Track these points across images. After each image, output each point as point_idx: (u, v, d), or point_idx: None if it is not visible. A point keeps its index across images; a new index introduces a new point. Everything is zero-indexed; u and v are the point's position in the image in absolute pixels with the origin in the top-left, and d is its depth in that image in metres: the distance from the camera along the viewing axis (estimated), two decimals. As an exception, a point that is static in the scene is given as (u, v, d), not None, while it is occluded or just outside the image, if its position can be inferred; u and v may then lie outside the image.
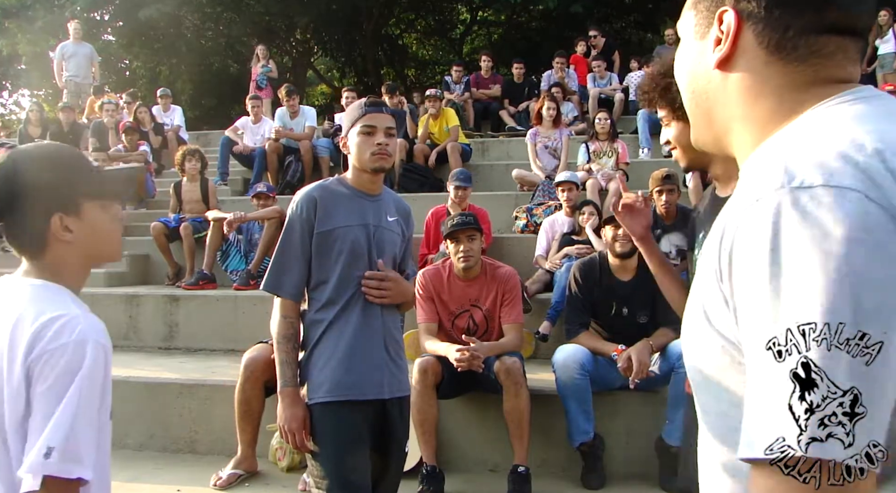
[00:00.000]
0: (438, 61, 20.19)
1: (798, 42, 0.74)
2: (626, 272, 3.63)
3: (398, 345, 2.38)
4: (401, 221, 2.35)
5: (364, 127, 2.22)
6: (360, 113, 2.25)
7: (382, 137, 2.20)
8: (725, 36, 0.77)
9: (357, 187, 2.27)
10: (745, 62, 0.77)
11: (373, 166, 2.22)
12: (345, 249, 2.18)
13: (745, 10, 0.75)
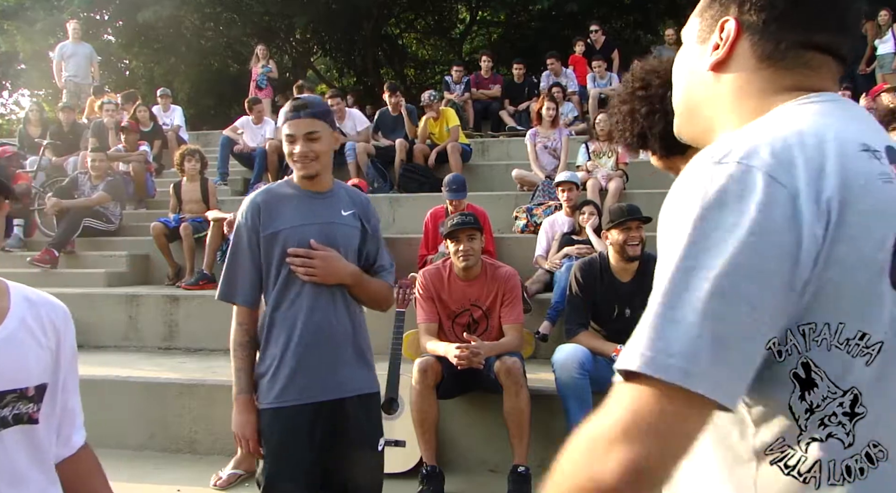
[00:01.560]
0: (438, 61, 20.18)
1: (787, 54, 0.83)
2: (626, 273, 3.63)
3: (359, 341, 2.28)
4: (358, 214, 2.31)
5: (286, 136, 2.21)
6: (282, 121, 2.25)
7: (300, 146, 2.18)
8: (724, 42, 0.85)
9: (303, 187, 2.27)
10: (738, 67, 0.85)
11: (298, 174, 2.23)
12: (280, 250, 2.19)
13: (745, 21, 0.84)
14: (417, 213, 5.98)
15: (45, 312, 1.36)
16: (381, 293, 2.36)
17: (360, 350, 2.27)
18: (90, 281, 6.00)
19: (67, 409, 1.41)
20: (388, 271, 2.38)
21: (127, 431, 4.03)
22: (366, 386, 2.27)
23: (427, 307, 3.66)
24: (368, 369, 2.30)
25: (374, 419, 2.32)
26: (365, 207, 2.35)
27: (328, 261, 2.17)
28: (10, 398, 1.27)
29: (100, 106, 9.00)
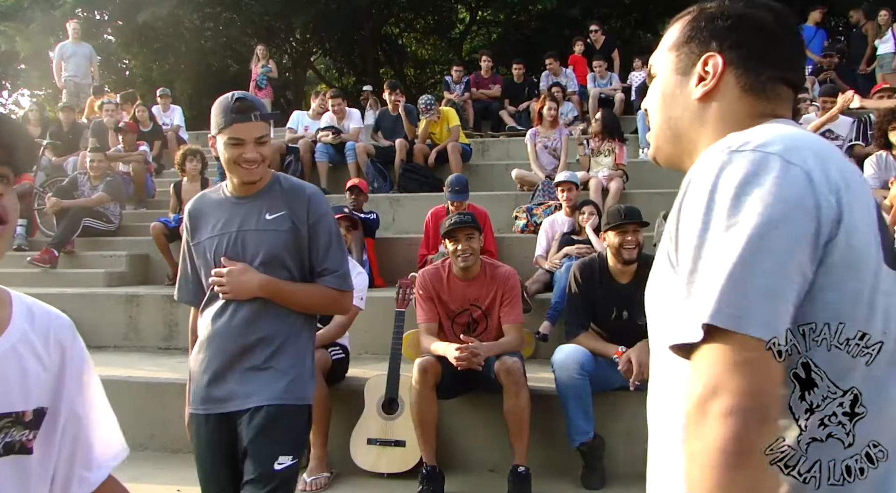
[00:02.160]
0: (438, 61, 20.18)
1: (766, 85, 0.96)
2: (625, 275, 3.62)
3: (290, 350, 2.13)
4: (290, 215, 2.12)
5: (231, 140, 2.05)
6: (226, 121, 2.06)
7: (251, 152, 2.05)
8: (712, 76, 0.97)
9: (232, 192, 2.18)
10: (722, 96, 0.97)
11: (241, 180, 2.12)
12: (204, 261, 2.17)
13: (729, 58, 0.96)
14: (417, 213, 5.98)
15: (50, 326, 1.19)
16: (313, 300, 2.18)
17: (287, 361, 2.12)
18: (90, 281, 6.00)
19: (81, 442, 1.22)
20: (335, 275, 2.17)
21: (127, 431, 3.97)
22: (274, 398, 2.08)
23: (427, 307, 3.66)
24: (289, 381, 2.10)
25: (275, 435, 2.07)
26: (303, 204, 2.14)
27: (233, 276, 2.08)
28: (4, 423, 1.10)
29: (100, 106, 9.00)
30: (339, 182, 7.13)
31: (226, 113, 2.06)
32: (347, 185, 6.04)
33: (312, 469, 3.52)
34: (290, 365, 2.12)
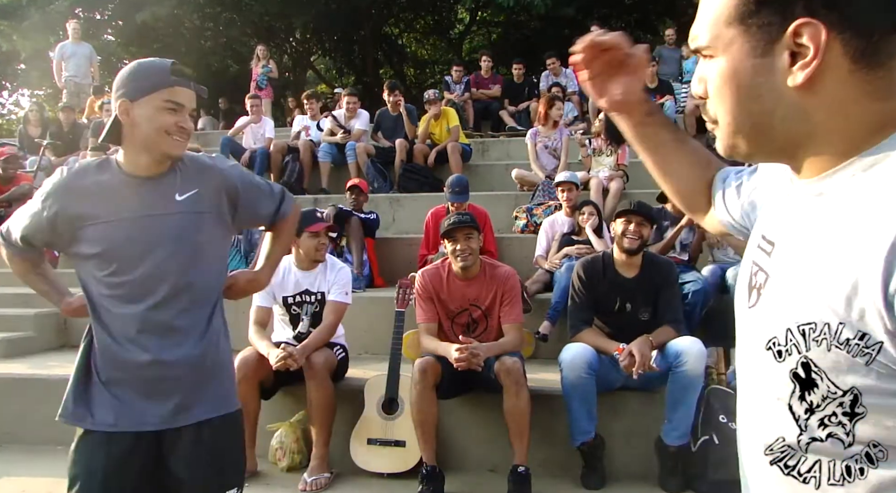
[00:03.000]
0: (438, 61, 20.17)
1: (880, 46, 0.72)
2: (630, 269, 3.64)
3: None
4: (205, 192, 1.89)
5: (169, 102, 1.79)
6: (165, 82, 1.80)
7: (188, 122, 1.84)
8: (813, 52, 0.73)
9: (132, 171, 1.85)
10: (829, 75, 0.73)
11: (165, 153, 1.82)
12: (97, 251, 1.81)
13: (829, 21, 0.71)
14: (417, 213, 5.98)
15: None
16: (285, 238, 2.16)
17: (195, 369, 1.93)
18: (90, 281, 5.99)
19: None
20: (275, 203, 2.06)
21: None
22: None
23: (426, 307, 3.66)
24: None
25: (207, 447, 1.90)
26: (213, 175, 1.92)
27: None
28: None
29: (100, 106, 9.00)
30: (339, 182, 7.13)
31: (162, 74, 1.80)
32: (348, 185, 6.04)
33: (313, 469, 3.52)
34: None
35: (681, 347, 3.34)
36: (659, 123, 1.15)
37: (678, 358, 3.30)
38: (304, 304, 3.84)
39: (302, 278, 3.83)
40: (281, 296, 3.82)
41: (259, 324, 3.74)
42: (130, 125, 1.82)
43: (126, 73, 1.84)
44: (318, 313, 3.80)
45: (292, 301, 3.83)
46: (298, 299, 3.83)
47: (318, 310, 3.81)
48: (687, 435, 3.37)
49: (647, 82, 5.23)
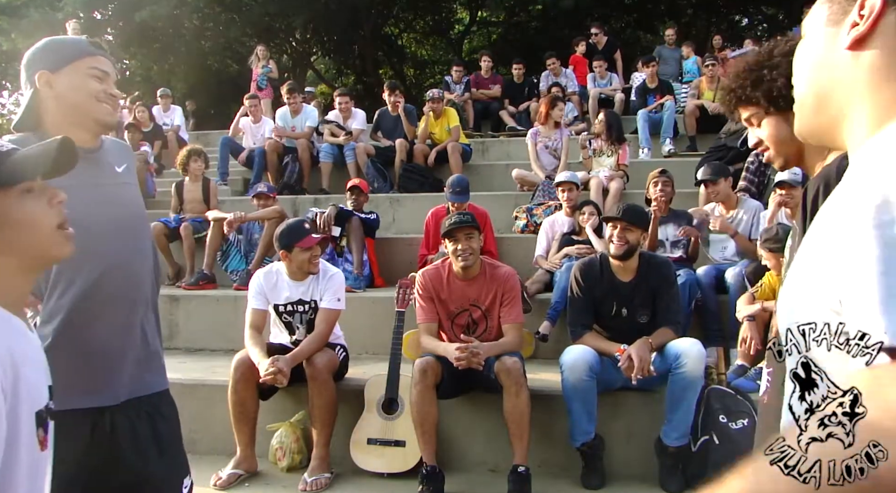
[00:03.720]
0: (438, 61, 20.18)
1: None
2: (626, 273, 3.63)
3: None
4: (130, 166, 1.96)
5: (94, 69, 1.76)
6: (86, 50, 1.79)
7: (114, 88, 1.81)
8: (867, 17, 0.79)
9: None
10: (880, 42, 0.79)
11: (104, 119, 1.81)
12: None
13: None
14: (417, 213, 5.98)
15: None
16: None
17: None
18: (90, 281, 5.99)
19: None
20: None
21: (127, 431, 4.03)
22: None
23: (426, 307, 3.66)
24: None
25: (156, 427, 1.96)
26: (129, 151, 2.01)
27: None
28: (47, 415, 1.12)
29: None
30: (339, 182, 7.13)
31: (80, 43, 1.79)
32: (348, 185, 6.04)
33: (314, 469, 3.52)
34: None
35: (681, 348, 3.33)
36: None
37: (678, 359, 3.30)
38: (295, 313, 3.82)
39: (294, 288, 3.79)
40: (273, 303, 3.81)
41: (254, 327, 3.71)
42: (55, 98, 1.76)
43: (38, 48, 1.81)
44: (314, 319, 3.78)
45: (283, 310, 3.82)
46: (290, 308, 3.81)
47: (313, 317, 3.79)
48: (687, 436, 3.37)
49: (647, 82, 5.21)
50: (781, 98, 1.52)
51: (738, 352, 3.86)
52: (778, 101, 1.54)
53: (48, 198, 1.19)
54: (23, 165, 1.15)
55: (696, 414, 3.39)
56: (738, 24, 18.05)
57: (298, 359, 3.53)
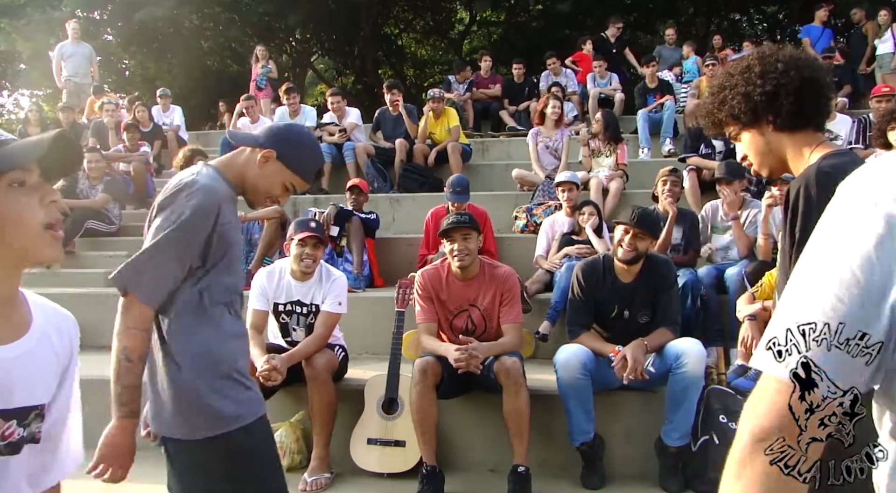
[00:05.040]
0: (438, 61, 20.17)
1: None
2: (629, 275, 3.62)
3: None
4: None
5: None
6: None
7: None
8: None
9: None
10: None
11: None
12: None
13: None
14: (417, 213, 5.98)
15: (62, 323, 1.24)
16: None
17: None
18: (90, 281, 6.00)
19: (52, 441, 1.22)
20: None
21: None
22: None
23: (426, 307, 3.66)
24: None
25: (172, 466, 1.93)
26: None
27: None
28: (32, 416, 1.15)
29: (100, 106, 9.00)
30: (339, 182, 7.13)
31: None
32: (348, 185, 6.04)
33: (314, 469, 3.52)
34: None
35: (681, 348, 3.33)
36: None
37: (678, 359, 3.30)
38: (293, 314, 3.82)
39: (296, 287, 3.79)
40: (273, 302, 3.81)
41: (255, 328, 3.71)
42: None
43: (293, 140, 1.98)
44: (314, 324, 3.77)
45: (282, 309, 3.82)
46: (289, 308, 3.81)
47: (312, 321, 3.78)
48: (688, 436, 3.37)
49: (647, 83, 5.19)
50: (742, 113, 1.60)
51: (738, 352, 3.86)
52: (740, 116, 1.61)
53: (41, 195, 1.11)
54: (12, 153, 1.08)
55: (697, 414, 3.39)
56: (738, 23, 18.05)
57: (295, 359, 3.53)
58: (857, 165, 1.50)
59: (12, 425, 1.12)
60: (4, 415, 1.11)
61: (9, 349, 1.12)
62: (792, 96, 1.54)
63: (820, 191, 1.42)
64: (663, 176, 4.81)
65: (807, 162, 1.54)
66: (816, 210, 1.40)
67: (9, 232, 1.08)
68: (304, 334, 3.78)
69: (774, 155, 1.62)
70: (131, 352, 1.79)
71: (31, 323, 1.17)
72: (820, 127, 1.62)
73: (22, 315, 1.17)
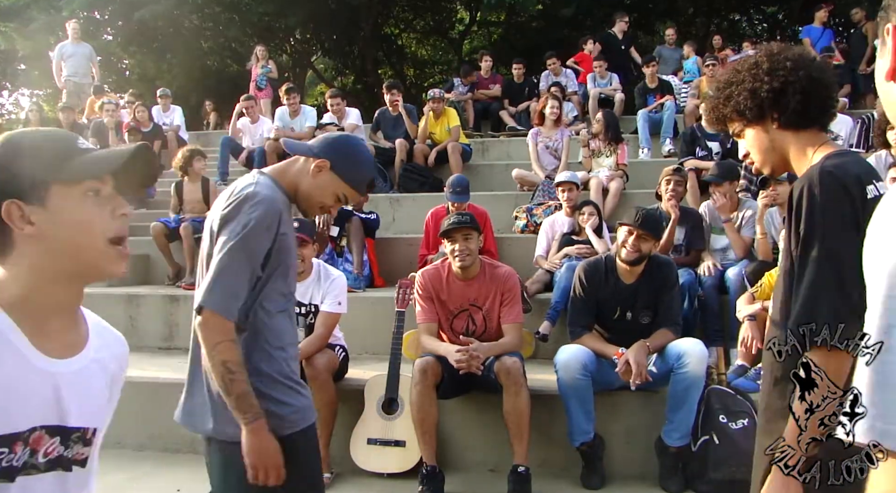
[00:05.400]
0: (438, 61, 20.17)
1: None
2: (631, 276, 3.61)
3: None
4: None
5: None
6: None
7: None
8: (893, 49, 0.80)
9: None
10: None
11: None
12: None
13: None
14: (417, 213, 5.98)
15: (115, 346, 1.20)
16: None
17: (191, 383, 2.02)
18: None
19: (93, 464, 1.19)
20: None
21: (127, 431, 4.04)
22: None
23: (426, 307, 3.66)
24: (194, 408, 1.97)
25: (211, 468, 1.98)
26: None
27: None
28: (74, 437, 1.11)
29: (100, 106, 9.00)
30: (338, 182, 7.12)
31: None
32: (347, 185, 6.03)
33: (313, 469, 3.52)
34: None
35: (682, 348, 3.33)
36: None
37: (680, 359, 3.30)
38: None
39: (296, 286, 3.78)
40: None
41: None
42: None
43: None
44: (313, 324, 3.76)
45: None
46: None
47: (312, 321, 3.78)
48: (688, 436, 3.37)
49: (647, 83, 5.18)
50: (748, 110, 1.59)
51: (738, 352, 3.86)
52: (745, 112, 1.61)
53: (113, 207, 1.10)
54: (92, 163, 1.08)
55: (697, 414, 3.39)
56: (738, 24, 18.05)
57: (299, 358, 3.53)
58: (861, 165, 1.51)
59: (55, 442, 1.09)
60: (50, 431, 1.08)
61: (63, 364, 1.09)
62: (799, 95, 1.54)
63: (823, 190, 1.41)
64: (667, 175, 4.76)
65: (810, 161, 1.54)
66: (820, 210, 1.40)
67: (77, 241, 1.07)
68: (304, 335, 3.78)
69: (777, 153, 1.62)
70: (230, 363, 1.81)
71: (87, 342, 1.14)
72: (824, 127, 1.62)
73: (80, 332, 1.15)
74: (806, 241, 1.40)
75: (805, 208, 1.42)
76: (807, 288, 1.35)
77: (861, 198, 1.41)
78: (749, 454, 1.61)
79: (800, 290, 1.37)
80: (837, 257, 1.34)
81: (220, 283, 1.83)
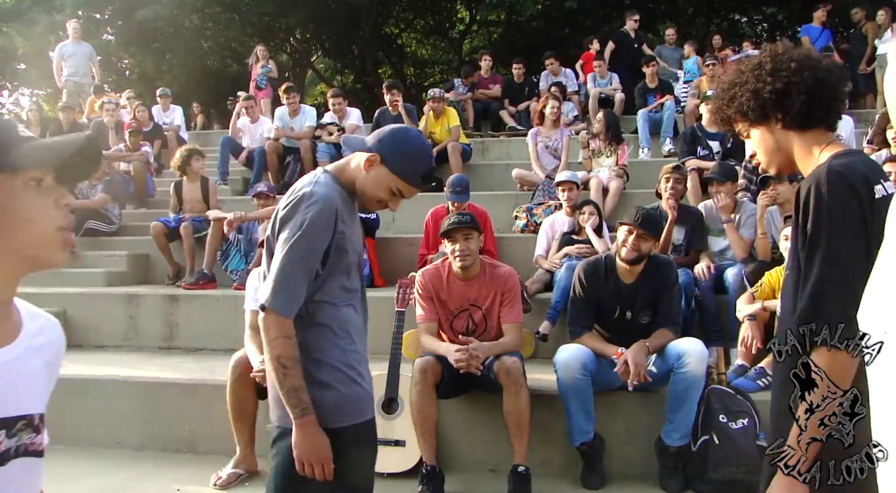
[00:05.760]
0: (438, 61, 20.16)
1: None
2: (631, 275, 3.61)
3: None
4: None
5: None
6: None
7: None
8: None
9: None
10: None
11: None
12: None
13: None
14: (417, 213, 5.97)
15: (51, 330, 1.18)
16: None
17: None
18: (90, 281, 6.00)
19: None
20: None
21: (127, 431, 4.03)
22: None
23: (426, 307, 3.66)
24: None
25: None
26: None
27: None
28: (19, 426, 1.09)
29: (100, 106, 9.00)
30: (339, 182, 7.11)
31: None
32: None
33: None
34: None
35: (682, 348, 3.33)
36: None
37: (680, 359, 3.30)
38: None
39: None
40: None
41: (253, 328, 3.70)
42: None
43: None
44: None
45: None
46: None
47: None
48: (688, 436, 3.36)
49: (647, 82, 5.17)
50: (751, 110, 1.60)
51: (738, 352, 3.86)
52: (748, 113, 1.61)
53: (56, 197, 1.09)
54: (35, 153, 1.05)
55: (696, 414, 3.38)
56: (738, 24, 18.05)
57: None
58: (868, 165, 1.51)
59: (2, 435, 1.07)
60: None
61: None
62: (803, 96, 1.53)
63: (831, 189, 1.41)
64: (666, 173, 4.75)
65: (816, 161, 1.53)
66: (827, 209, 1.40)
67: (22, 232, 1.05)
68: None
69: (783, 153, 1.61)
70: (284, 359, 1.84)
71: (21, 330, 1.13)
72: (831, 127, 1.61)
73: (12, 321, 1.13)
74: (813, 240, 1.40)
75: (812, 207, 1.42)
76: (813, 286, 1.35)
77: (869, 197, 1.40)
78: (749, 454, 1.61)
79: (806, 288, 1.37)
80: (844, 256, 1.34)
81: (280, 283, 1.87)
